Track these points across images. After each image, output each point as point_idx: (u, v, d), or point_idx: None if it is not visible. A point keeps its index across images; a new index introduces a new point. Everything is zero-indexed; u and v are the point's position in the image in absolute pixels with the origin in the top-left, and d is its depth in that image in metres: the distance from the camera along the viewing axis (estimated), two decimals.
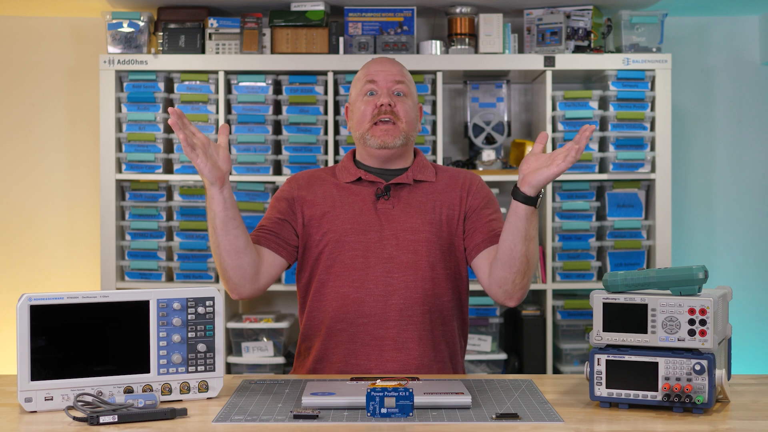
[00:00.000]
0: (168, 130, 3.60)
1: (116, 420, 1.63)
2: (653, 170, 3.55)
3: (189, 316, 1.82)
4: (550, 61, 3.51)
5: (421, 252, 2.21)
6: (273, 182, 3.58)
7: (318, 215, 2.25)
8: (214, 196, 2.06)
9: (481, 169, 3.61)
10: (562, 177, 3.54)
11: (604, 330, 1.75)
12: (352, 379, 1.93)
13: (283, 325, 3.53)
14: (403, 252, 2.21)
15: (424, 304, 2.21)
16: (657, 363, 1.70)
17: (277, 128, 3.63)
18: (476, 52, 3.59)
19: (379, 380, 1.76)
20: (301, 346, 2.30)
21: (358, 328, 2.19)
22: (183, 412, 1.70)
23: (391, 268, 2.20)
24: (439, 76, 3.53)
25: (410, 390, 1.66)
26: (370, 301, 2.19)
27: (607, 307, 1.75)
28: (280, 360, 3.52)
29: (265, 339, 3.53)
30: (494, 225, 2.24)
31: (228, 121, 3.56)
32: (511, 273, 2.12)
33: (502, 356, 3.58)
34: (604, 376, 1.73)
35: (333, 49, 3.54)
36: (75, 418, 1.65)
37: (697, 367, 1.67)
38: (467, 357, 3.49)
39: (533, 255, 2.12)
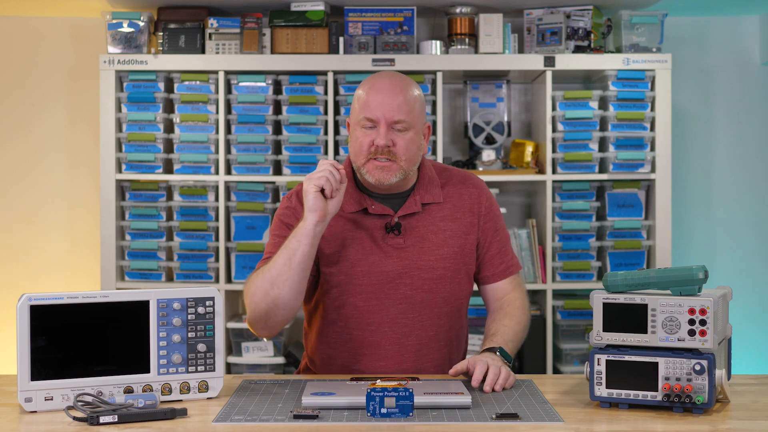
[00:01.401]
0: (168, 130, 3.60)
1: (116, 420, 1.64)
2: (653, 170, 3.55)
3: (189, 316, 1.82)
4: (550, 61, 3.51)
5: (437, 290, 2.15)
6: (273, 182, 3.58)
7: (325, 254, 2.14)
8: (308, 227, 1.98)
9: (481, 169, 3.61)
10: (562, 177, 3.55)
11: (604, 330, 1.75)
12: (352, 379, 1.93)
13: None
14: (418, 291, 2.14)
15: (440, 340, 2.17)
16: (657, 363, 1.70)
17: (277, 128, 3.62)
18: (476, 52, 3.59)
19: (379, 380, 1.76)
20: (310, 365, 2.24)
21: (375, 371, 2.13)
22: (183, 412, 1.70)
23: (406, 308, 2.14)
24: (439, 76, 3.53)
25: (410, 390, 1.66)
26: (386, 345, 2.13)
27: (607, 307, 1.75)
28: (280, 360, 3.51)
29: (265, 339, 3.53)
30: (503, 255, 2.24)
31: (228, 121, 3.56)
32: None
33: None
34: (604, 376, 1.73)
35: (333, 49, 3.54)
36: (75, 418, 1.65)
37: (697, 367, 1.67)
38: (467, 357, 3.48)
39: (525, 331, 2.19)
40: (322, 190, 1.99)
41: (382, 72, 2.19)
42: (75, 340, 1.75)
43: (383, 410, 1.65)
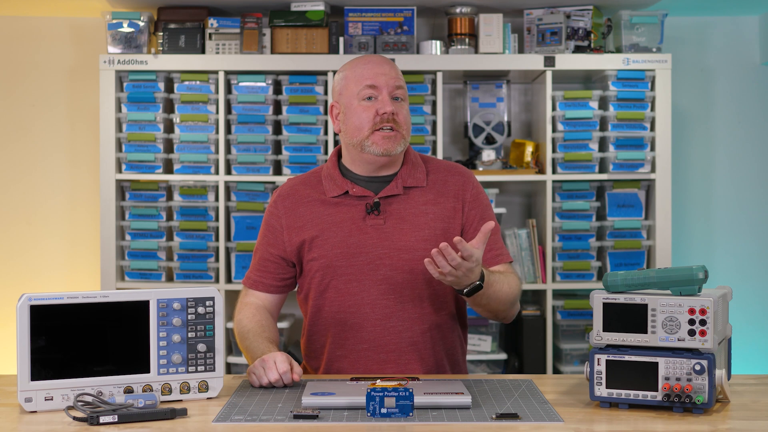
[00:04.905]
0: (168, 130, 3.60)
1: (116, 420, 1.64)
2: (653, 170, 3.55)
3: (189, 316, 1.82)
4: (550, 61, 3.51)
5: (417, 271, 2.14)
6: (273, 182, 3.58)
7: (308, 240, 2.18)
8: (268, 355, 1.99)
9: (481, 169, 3.61)
10: (563, 177, 3.55)
11: (604, 330, 1.75)
12: (352, 379, 1.93)
13: (283, 325, 3.53)
14: (398, 272, 2.14)
15: (423, 323, 2.16)
16: (657, 363, 1.70)
17: (277, 128, 3.63)
18: (476, 52, 3.59)
19: (379, 380, 1.76)
20: (306, 365, 2.27)
21: (359, 354, 2.15)
22: (183, 412, 1.70)
23: (387, 289, 2.14)
24: (439, 76, 3.53)
25: (410, 390, 1.66)
26: (368, 326, 2.14)
27: (607, 307, 1.75)
28: None
29: None
30: (492, 243, 2.20)
31: (228, 121, 3.57)
32: (491, 317, 2.19)
33: (502, 356, 3.58)
34: (604, 376, 1.73)
35: (333, 49, 3.54)
36: (75, 418, 1.65)
37: (697, 367, 1.67)
38: (467, 357, 3.48)
39: (504, 300, 2.12)
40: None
41: (363, 55, 2.22)
42: (75, 340, 1.75)
43: (383, 410, 1.65)
